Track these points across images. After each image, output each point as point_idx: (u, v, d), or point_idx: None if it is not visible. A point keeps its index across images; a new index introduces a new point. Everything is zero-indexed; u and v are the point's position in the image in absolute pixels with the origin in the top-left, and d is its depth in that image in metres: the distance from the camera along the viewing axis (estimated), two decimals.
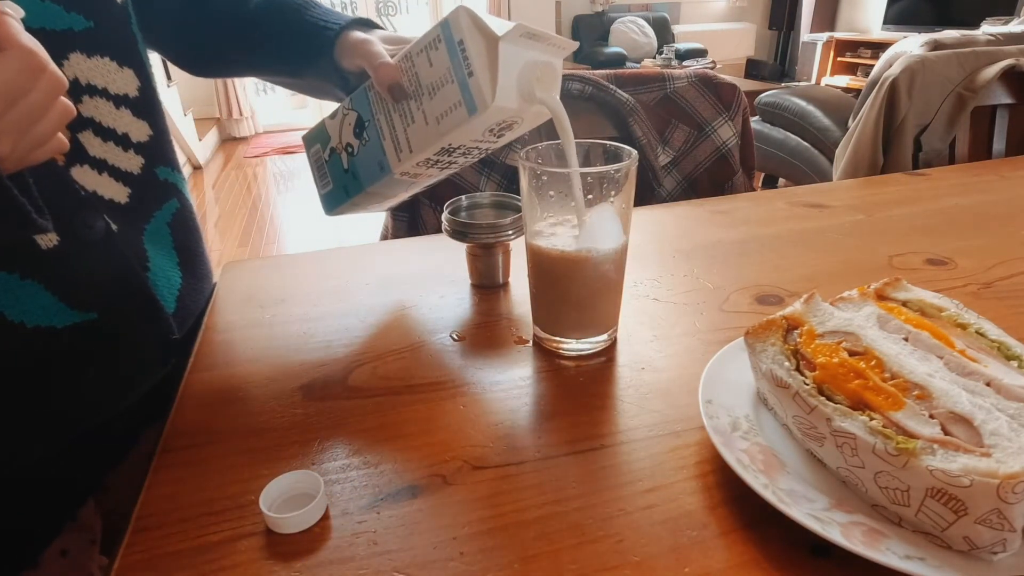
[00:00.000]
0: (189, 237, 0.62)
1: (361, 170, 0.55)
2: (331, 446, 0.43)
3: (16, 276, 0.45)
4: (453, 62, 0.46)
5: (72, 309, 0.48)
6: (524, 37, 0.46)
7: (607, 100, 0.99)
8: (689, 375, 0.49)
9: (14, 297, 0.45)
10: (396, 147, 0.52)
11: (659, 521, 0.36)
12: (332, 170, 0.58)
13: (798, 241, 0.73)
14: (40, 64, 0.35)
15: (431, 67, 0.48)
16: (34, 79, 0.35)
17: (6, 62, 0.33)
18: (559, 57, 0.50)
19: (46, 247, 0.46)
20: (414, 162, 0.52)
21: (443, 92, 0.47)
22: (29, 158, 0.37)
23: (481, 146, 0.53)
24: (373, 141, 0.53)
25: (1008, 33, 1.95)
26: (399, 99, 0.50)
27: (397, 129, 0.51)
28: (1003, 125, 1.31)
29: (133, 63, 0.55)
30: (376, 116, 0.53)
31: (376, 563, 0.34)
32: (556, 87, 0.50)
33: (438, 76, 0.47)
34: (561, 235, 0.49)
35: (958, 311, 0.42)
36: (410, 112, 0.50)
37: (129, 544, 0.36)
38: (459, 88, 0.46)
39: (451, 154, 0.52)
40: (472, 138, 0.50)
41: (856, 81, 5.05)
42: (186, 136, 3.90)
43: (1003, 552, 0.30)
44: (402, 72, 0.50)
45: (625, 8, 5.40)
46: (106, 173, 0.52)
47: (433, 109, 0.48)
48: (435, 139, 0.49)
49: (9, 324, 0.45)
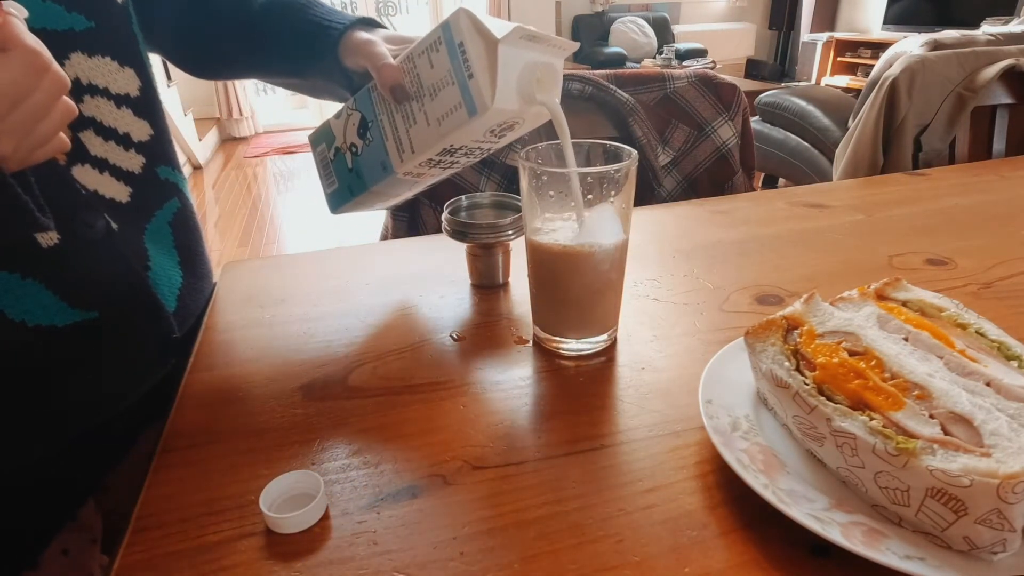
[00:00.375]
0: (190, 236, 0.62)
1: (365, 170, 0.56)
2: (331, 446, 0.43)
3: (17, 275, 0.45)
4: (453, 64, 0.46)
5: (73, 308, 0.48)
6: (524, 39, 0.46)
7: (607, 100, 0.99)
8: (689, 375, 0.49)
9: (15, 296, 0.45)
10: (399, 147, 0.52)
11: (659, 521, 0.36)
12: (337, 169, 0.59)
13: (798, 241, 0.73)
14: (44, 64, 0.35)
15: (432, 69, 0.48)
16: (37, 79, 0.35)
17: (10, 62, 0.34)
18: (559, 58, 0.50)
19: (47, 246, 0.46)
20: (416, 162, 0.52)
21: (444, 94, 0.48)
22: (31, 157, 0.37)
23: (483, 146, 0.53)
24: (376, 141, 0.54)
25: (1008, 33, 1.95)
26: (401, 100, 0.50)
27: (400, 130, 0.52)
28: (1003, 125, 1.31)
29: (134, 63, 0.55)
30: (379, 116, 0.53)
31: (376, 563, 0.34)
32: (557, 88, 0.50)
33: (439, 78, 0.48)
34: (561, 231, 0.49)
35: (958, 311, 0.42)
36: (412, 113, 0.50)
37: (129, 544, 0.36)
38: (459, 90, 0.46)
39: (453, 154, 0.53)
40: (473, 139, 0.51)
41: (856, 81, 5.06)
42: (186, 136, 3.90)
43: (1003, 552, 0.30)
44: (404, 73, 0.50)
45: (625, 8, 5.40)
46: (107, 172, 0.52)
47: (434, 110, 0.49)
48: (436, 140, 0.49)
49: (10, 323, 0.45)
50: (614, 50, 4.94)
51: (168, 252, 0.58)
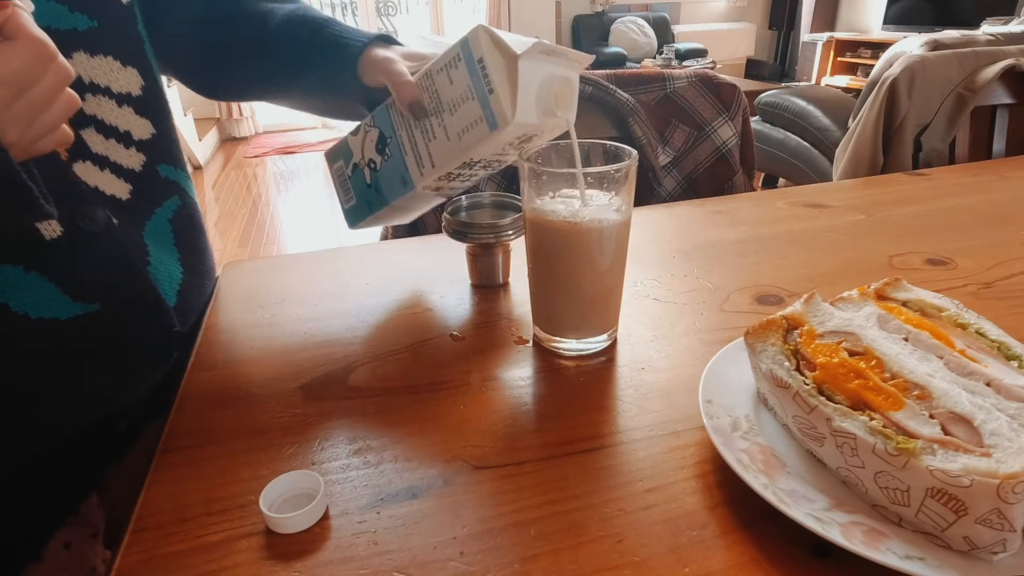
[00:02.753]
0: (191, 234, 0.62)
1: (384, 185, 0.56)
2: (331, 446, 0.43)
3: (20, 268, 0.46)
4: (473, 80, 0.47)
5: (75, 301, 0.49)
6: (543, 54, 0.47)
7: (607, 100, 0.99)
8: (689, 375, 0.49)
9: (19, 289, 0.46)
10: (418, 162, 0.53)
11: (659, 521, 0.36)
12: (355, 185, 0.59)
13: (798, 241, 0.73)
14: (49, 54, 0.36)
15: (451, 85, 0.49)
16: (43, 69, 0.35)
17: (16, 51, 0.34)
18: (576, 71, 0.51)
19: (50, 238, 0.46)
20: (436, 176, 0.53)
21: (464, 109, 0.48)
22: (34, 148, 0.37)
23: (502, 159, 0.54)
24: (395, 156, 0.54)
25: (1008, 33, 1.95)
26: (419, 117, 0.51)
27: (419, 145, 0.52)
28: (1003, 125, 1.31)
29: (137, 63, 0.55)
30: (398, 132, 0.54)
31: (376, 563, 0.34)
32: (574, 101, 0.51)
33: (459, 93, 0.48)
34: (562, 208, 0.49)
35: (958, 311, 0.42)
36: (431, 128, 0.51)
37: (129, 544, 0.36)
38: (480, 105, 0.47)
39: (472, 167, 0.53)
40: (493, 152, 0.51)
41: (856, 81, 5.06)
42: (186, 136, 3.90)
43: (1003, 552, 0.30)
44: (422, 90, 0.51)
45: (625, 8, 5.40)
46: (108, 170, 0.52)
47: (454, 125, 0.49)
48: (457, 154, 0.50)
49: (14, 316, 0.46)
50: (614, 50, 4.95)
51: (168, 249, 0.58)
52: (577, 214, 0.47)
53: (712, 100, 1.04)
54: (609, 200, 0.48)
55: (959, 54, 1.32)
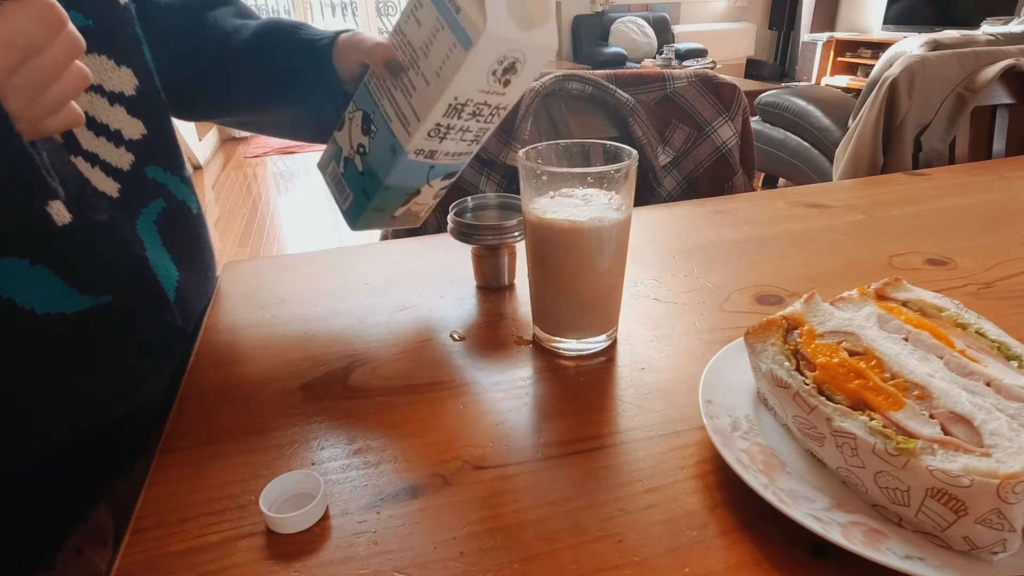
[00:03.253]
0: (181, 236, 0.61)
1: (375, 163, 0.56)
2: (331, 446, 0.43)
3: (26, 261, 0.45)
4: (439, 8, 0.47)
5: (81, 294, 0.48)
6: None
7: (607, 100, 0.99)
8: (689, 375, 0.49)
9: (24, 284, 0.46)
10: (404, 123, 0.52)
11: (659, 521, 0.36)
12: (349, 179, 0.59)
13: (798, 241, 0.73)
14: (60, 18, 0.34)
15: (420, 26, 0.49)
16: (52, 33, 0.34)
17: (25, 10, 0.32)
18: None
19: (61, 224, 0.45)
20: (424, 132, 0.51)
21: (437, 43, 0.48)
22: (42, 125, 0.36)
23: (489, 100, 0.51)
24: (382, 130, 0.54)
25: (1008, 33, 1.95)
26: (397, 72, 0.51)
27: (401, 105, 0.52)
28: (1003, 125, 1.31)
29: (132, 63, 0.55)
30: (380, 104, 0.54)
31: (376, 563, 0.34)
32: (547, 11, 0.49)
33: (428, 30, 0.48)
34: (561, 208, 0.49)
35: (958, 311, 0.42)
36: (410, 82, 0.51)
37: (129, 544, 0.36)
38: (451, 30, 0.47)
39: (460, 114, 0.51)
40: (477, 87, 0.49)
41: (856, 81, 5.06)
42: (186, 136, 3.90)
43: (1003, 552, 0.30)
44: (395, 48, 0.51)
45: (625, 8, 5.40)
46: (98, 167, 0.52)
47: (431, 65, 0.49)
48: (438, 94, 0.49)
49: (21, 311, 0.45)
50: (614, 50, 4.95)
51: (158, 248, 0.58)
52: (577, 214, 0.47)
53: (712, 100, 1.04)
54: (609, 200, 0.48)
55: (959, 54, 1.32)
